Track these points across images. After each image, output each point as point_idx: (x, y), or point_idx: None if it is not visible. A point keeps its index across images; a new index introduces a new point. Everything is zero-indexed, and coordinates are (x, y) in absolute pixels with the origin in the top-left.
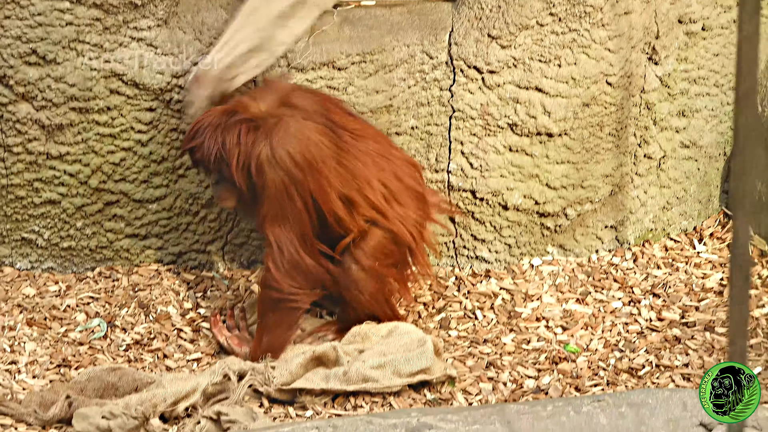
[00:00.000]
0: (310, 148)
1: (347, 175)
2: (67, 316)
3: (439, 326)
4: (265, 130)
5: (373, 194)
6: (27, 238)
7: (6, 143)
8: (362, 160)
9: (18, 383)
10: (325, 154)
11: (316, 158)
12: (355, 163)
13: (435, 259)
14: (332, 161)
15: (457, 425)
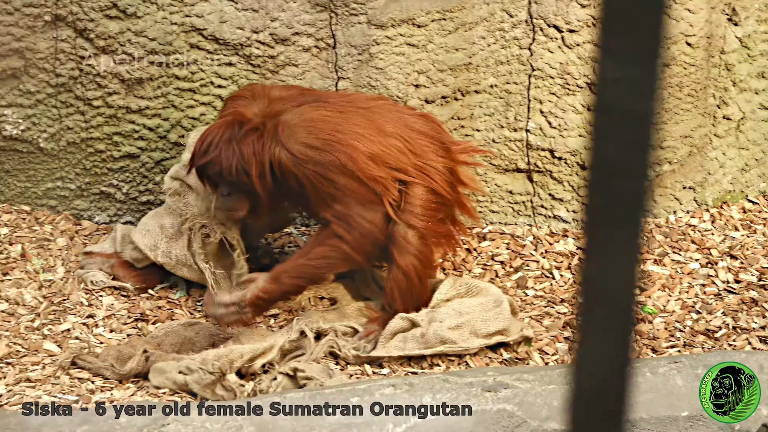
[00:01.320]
0: (319, 126)
1: (366, 133)
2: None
3: (516, 285)
4: (270, 132)
5: (395, 147)
6: (106, 192)
7: (86, 97)
8: (372, 119)
9: (95, 337)
10: (335, 123)
11: (328, 132)
12: (368, 122)
13: (513, 218)
14: (344, 126)
15: (533, 385)
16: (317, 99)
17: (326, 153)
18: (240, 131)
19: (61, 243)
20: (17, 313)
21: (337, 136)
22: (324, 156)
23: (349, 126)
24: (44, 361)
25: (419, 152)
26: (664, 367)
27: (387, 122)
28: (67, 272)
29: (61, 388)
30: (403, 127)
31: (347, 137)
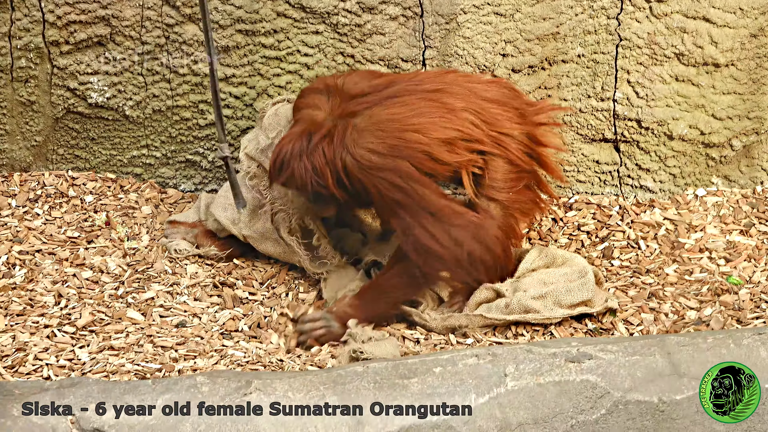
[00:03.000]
0: (386, 129)
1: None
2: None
3: (602, 255)
4: (339, 137)
5: (468, 122)
6: (191, 160)
7: (172, 64)
8: (440, 101)
9: (180, 305)
10: (403, 121)
11: (396, 134)
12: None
13: (600, 188)
14: (413, 119)
15: (617, 355)
16: (387, 87)
17: (392, 159)
18: (311, 142)
19: (146, 211)
20: (101, 281)
21: (406, 136)
22: (389, 162)
23: (419, 118)
24: (128, 329)
25: (492, 121)
26: (748, 338)
27: (456, 99)
28: (151, 240)
29: (144, 357)
30: (474, 99)
31: (417, 134)
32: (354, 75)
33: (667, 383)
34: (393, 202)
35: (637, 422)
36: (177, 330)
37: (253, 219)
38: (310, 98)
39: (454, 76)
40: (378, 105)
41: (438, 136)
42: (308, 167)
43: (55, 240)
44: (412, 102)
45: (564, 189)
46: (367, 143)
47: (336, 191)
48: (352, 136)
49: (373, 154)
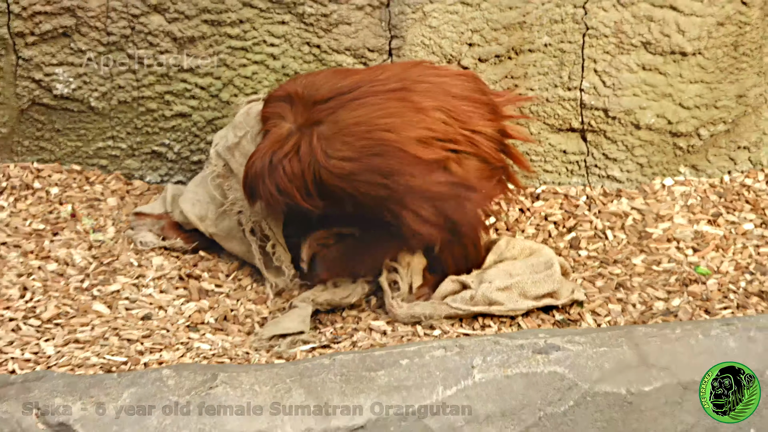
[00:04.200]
0: (353, 132)
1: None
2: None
3: (569, 246)
4: (306, 149)
5: (439, 121)
6: (157, 151)
7: (137, 55)
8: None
9: (145, 298)
10: (371, 122)
11: (364, 135)
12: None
13: (567, 178)
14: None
15: (585, 347)
16: (352, 90)
17: (366, 159)
18: (272, 162)
19: (112, 203)
20: (67, 273)
21: (376, 135)
22: (364, 164)
23: (387, 119)
24: (93, 322)
25: (464, 119)
26: (717, 329)
27: (425, 97)
28: (117, 232)
29: (110, 350)
30: (444, 97)
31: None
32: (317, 77)
33: (635, 374)
34: (379, 199)
35: (605, 414)
36: (143, 323)
37: (220, 217)
38: (274, 107)
39: (421, 69)
40: (342, 108)
41: (410, 134)
42: (272, 189)
43: (20, 232)
44: (378, 103)
45: (531, 179)
46: (336, 152)
47: (306, 205)
48: (320, 147)
49: (345, 162)
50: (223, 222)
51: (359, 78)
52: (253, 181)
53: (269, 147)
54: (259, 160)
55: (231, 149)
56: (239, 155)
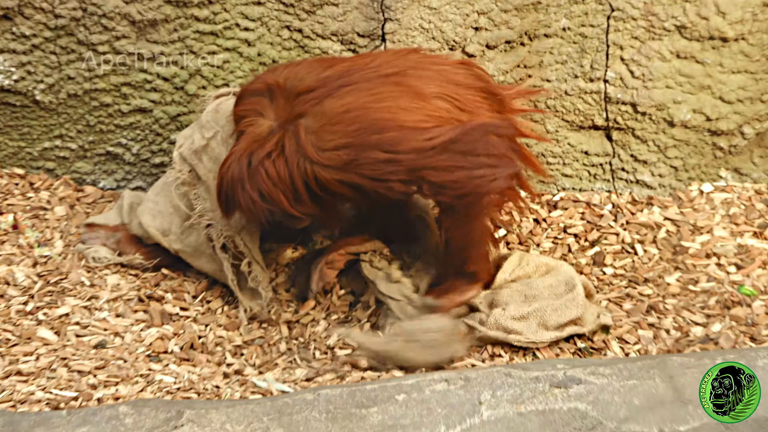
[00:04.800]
0: (344, 119)
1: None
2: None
3: (592, 262)
4: (292, 147)
5: (442, 110)
6: (112, 152)
7: (90, 41)
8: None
9: (99, 322)
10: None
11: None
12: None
13: (589, 183)
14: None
15: (610, 380)
16: (340, 78)
17: (361, 141)
18: (251, 165)
19: (60, 212)
20: (7, 294)
21: (370, 115)
22: (360, 147)
23: (381, 103)
24: (38, 350)
25: (471, 109)
26: (764, 359)
27: (426, 83)
28: (66, 247)
29: (58, 383)
30: (445, 84)
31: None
32: (299, 67)
33: (670, 412)
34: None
35: None
36: (96, 351)
37: (186, 230)
38: (250, 102)
39: (417, 56)
40: (329, 97)
41: (407, 120)
42: (254, 196)
43: None
44: (370, 88)
45: (547, 184)
46: (327, 143)
47: (294, 211)
48: (309, 141)
49: (340, 150)
50: (190, 236)
51: (348, 65)
52: (230, 189)
53: (246, 148)
54: (236, 163)
55: (198, 152)
56: (207, 159)
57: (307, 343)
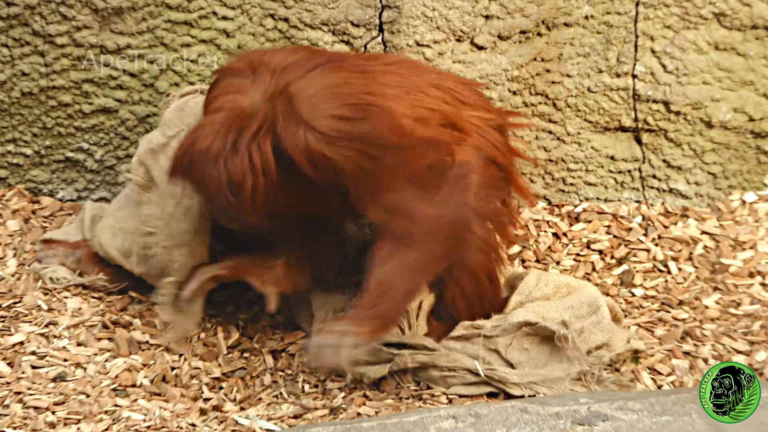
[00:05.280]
0: (343, 91)
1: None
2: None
3: (619, 283)
4: (283, 115)
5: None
6: (73, 158)
7: (47, 32)
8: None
9: (58, 352)
10: (362, 85)
11: (357, 96)
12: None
13: (616, 192)
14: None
15: (640, 416)
16: (332, 59)
17: (363, 122)
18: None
19: (13, 227)
20: None
21: (369, 99)
22: (361, 127)
23: (380, 87)
24: None
25: (471, 102)
26: None
27: (422, 80)
28: (20, 266)
29: (11, 420)
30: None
31: (382, 100)
32: (285, 49)
33: None
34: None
35: None
36: (55, 385)
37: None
38: (229, 83)
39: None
40: (321, 67)
41: (406, 110)
42: (222, 178)
43: None
44: (365, 70)
45: (568, 193)
46: (327, 109)
47: (253, 216)
48: (304, 107)
49: (340, 121)
50: (156, 257)
51: (339, 53)
52: (198, 159)
53: (230, 122)
54: (216, 135)
55: (155, 152)
56: (165, 160)
57: (295, 375)
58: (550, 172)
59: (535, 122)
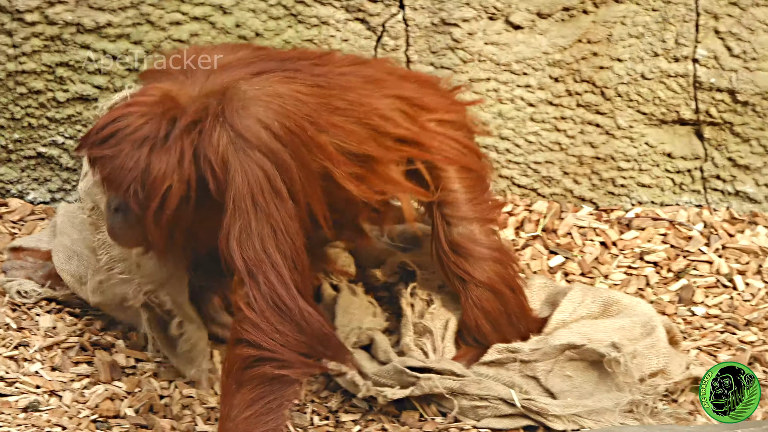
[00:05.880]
0: (287, 107)
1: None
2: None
3: (677, 299)
4: (213, 116)
5: (394, 125)
6: (45, 154)
7: (15, 8)
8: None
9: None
10: (310, 109)
11: (298, 119)
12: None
13: (674, 195)
14: (323, 113)
15: None
16: (283, 66)
17: (286, 150)
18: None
19: None
20: None
21: (309, 131)
22: (282, 151)
23: (329, 117)
24: None
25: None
26: None
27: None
28: None
29: None
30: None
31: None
32: (227, 45)
33: None
34: (257, 217)
35: None
36: (26, 416)
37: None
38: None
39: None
40: (273, 74)
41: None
42: (141, 165)
43: None
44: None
45: (618, 196)
46: (258, 114)
47: (152, 223)
48: (236, 107)
49: (265, 131)
50: (114, 287)
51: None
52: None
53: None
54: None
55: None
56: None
57: (302, 405)
58: (597, 172)
59: (581, 114)
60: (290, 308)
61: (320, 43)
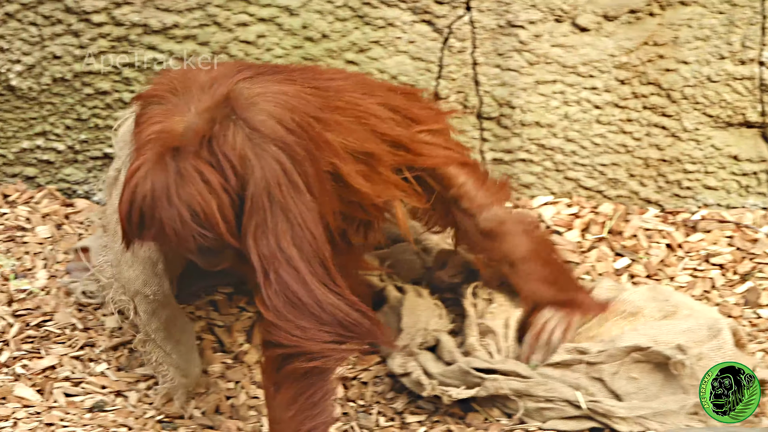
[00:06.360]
0: (293, 104)
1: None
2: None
3: (743, 302)
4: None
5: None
6: (112, 155)
7: (82, 9)
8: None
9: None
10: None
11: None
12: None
13: (740, 198)
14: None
15: None
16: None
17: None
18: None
19: (43, 234)
20: None
21: (316, 128)
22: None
23: (332, 114)
24: (16, 414)
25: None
26: None
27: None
28: (50, 278)
29: None
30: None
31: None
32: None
33: None
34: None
35: None
36: (92, 416)
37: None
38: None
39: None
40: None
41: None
42: (184, 213)
43: None
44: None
45: (684, 199)
46: (270, 109)
47: (232, 239)
48: (244, 105)
49: (280, 125)
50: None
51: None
52: (148, 207)
53: (162, 149)
54: (154, 171)
55: (109, 188)
56: (116, 196)
57: (368, 406)
58: (663, 174)
59: (647, 116)
60: (305, 303)
61: (386, 45)
